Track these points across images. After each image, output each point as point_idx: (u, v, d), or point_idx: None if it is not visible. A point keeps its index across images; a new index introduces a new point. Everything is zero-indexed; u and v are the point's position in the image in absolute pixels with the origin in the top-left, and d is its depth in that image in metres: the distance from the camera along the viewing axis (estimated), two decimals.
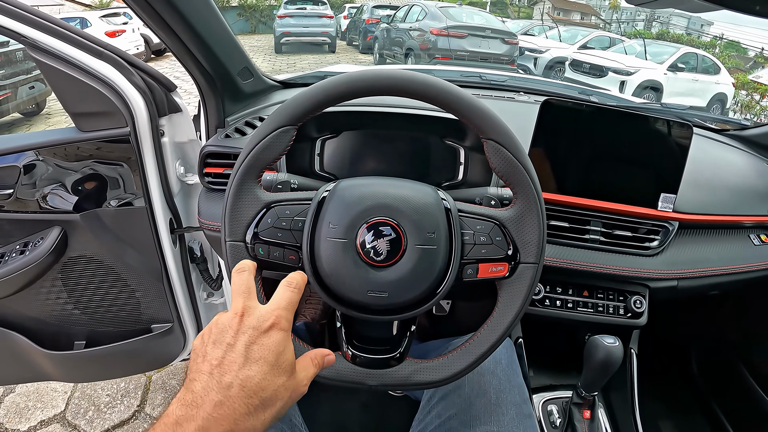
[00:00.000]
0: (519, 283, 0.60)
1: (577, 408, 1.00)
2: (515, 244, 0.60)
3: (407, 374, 0.61)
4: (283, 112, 0.60)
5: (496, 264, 0.60)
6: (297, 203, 0.62)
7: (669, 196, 0.97)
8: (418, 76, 0.59)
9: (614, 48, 9.98)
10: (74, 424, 1.58)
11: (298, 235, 0.60)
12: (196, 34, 0.90)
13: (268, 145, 0.60)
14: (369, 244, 0.58)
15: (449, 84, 0.59)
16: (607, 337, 0.86)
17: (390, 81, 0.58)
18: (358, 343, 0.63)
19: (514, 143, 0.59)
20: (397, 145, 1.01)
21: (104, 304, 1.22)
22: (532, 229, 0.60)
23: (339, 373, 0.60)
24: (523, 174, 0.60)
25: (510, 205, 0.62)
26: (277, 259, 0.61)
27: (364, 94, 0.59)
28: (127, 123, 0.98)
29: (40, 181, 1.06)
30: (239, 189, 0.61)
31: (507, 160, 0.59)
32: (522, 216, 0.60)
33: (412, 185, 0.63)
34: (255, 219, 0.61)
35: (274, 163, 0.62)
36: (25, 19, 0.89)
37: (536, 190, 0.60)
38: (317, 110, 0.60)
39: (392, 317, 0.61)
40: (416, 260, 0.58)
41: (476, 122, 0.59)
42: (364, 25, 12.75)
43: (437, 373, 0.61)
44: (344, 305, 0.60)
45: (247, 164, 0.60)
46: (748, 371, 1.31)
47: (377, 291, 0.58)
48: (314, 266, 0.59)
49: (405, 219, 0.59)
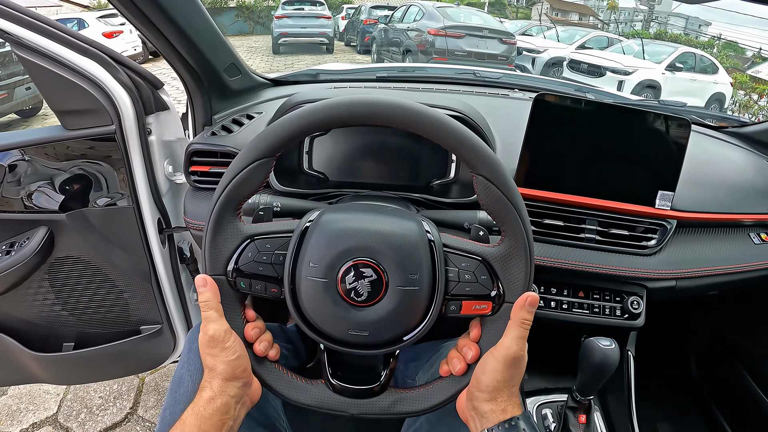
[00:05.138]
0: (502, 321, 0.59)
1: (572, 412, 0.98)
2: (501, 283, 0.59)
3: (388, 404, 0.61)
4: (258, 144, 0.58)
5: (480, 302, 0.59)
6: (278, 236, 0.61)
7: (667, 194, 0.95)
8: (405, 104, 0.57)
9: (612, 48, 10.00)
10: (66, 427, 1.56)
11: (279, 268, 0.60)
12: (180, 30, 0.88)
13: (245, 180, 0.58)
14: (350, 284, 0.57)
15: (440, 114, 0.57)
16: (603, 340, 0.84)
17: (376, 109, 0.56)
18: (340, 373, 0.63)
19: (504, 180, 0.57)
20: (388, 142, 0.99)
21: (92, 305, 1.20)
22: (519, 269, 0.59)
23: (321, 402, 0.61)
24: (512, 212, 0.58)
25: (498, 242, 0.61)
26: (258, 293, 0.60)
27: (343, 124, 0.58)
28: (113, 121, 0.97)
29: (25, 180, 1.04)
30: (218, 223, 0.60)
31: (496, 198, 0.57)
32: (509, 255, 0.59)
33: (396, 221, 0.61)
34: (235, 253, 0.60)
35: (251, 196, 0.60)
36: (10, 16, 0.88)
37: (525, 230, 0.58)
38: (295, 140, 0.59)
39: (374, 352, 0.61)
40: (398, 301, 0.58)
41: (466, 156, 0.57)
42: (362, 26, 12.79)
43: (418, 404, 0.62)
44: (326, 340, 0.60)
45: (224, 199, 0.59)
46: (748, 373, 1.29)
47: (358, 330, 0.58)
48: (295, 301, 0.59)
49: (387, 260, 0.57)
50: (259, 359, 0.62)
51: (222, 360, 0.57)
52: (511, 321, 0.58)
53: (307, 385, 0.62)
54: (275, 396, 0.64)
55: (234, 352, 0.58)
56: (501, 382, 0.56)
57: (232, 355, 0.57)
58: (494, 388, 0.56)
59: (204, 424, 0.55)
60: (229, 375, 0.57)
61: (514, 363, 0.57)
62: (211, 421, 0.55)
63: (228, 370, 0.57)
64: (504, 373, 0.56)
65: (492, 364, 0.57)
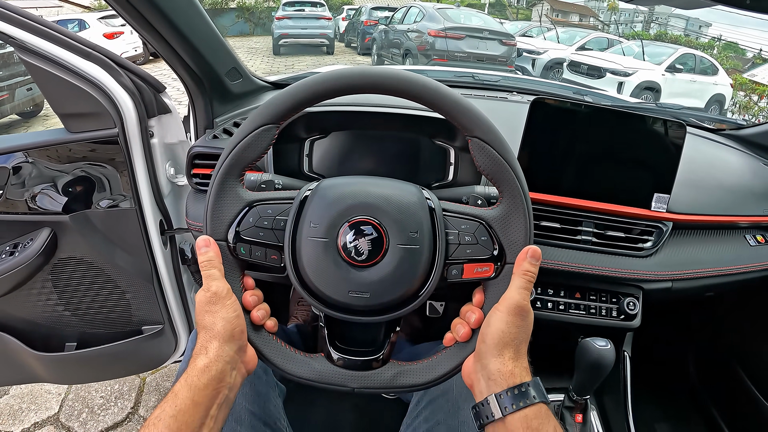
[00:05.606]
0: (505, 283, 0.58)
1: (568, 412, 0.99)
2: (501, 244, 0.59)
3: (390, 377, 0.60)
4: (265, 110, 0.59)
5: (482, 264, 0.59)
6: (279, 202, 0.61)
7: (662, 196, 0.96)
8: (403, 73, 0.57)
9: (612, 49, 10.00)
10: (68, 426, 1.57)
11: (279, 234, 0.59)
12: (181, 34, 0.89)
13: (250, 144, 0.59)
14: (350, 243, 0.57)
15: (434, 81, 0.58)
16: (599, 340, 0.85)
17: (373, 78, 0.57)
18: (340, 345, 0.62)
19: (499, 140, 0.58)
20: (387, 145, 1.01)
21: (95, 305, 1.21)
22: (519, 229, 0.59)
23: (321, 375, 0.60)
24: (508, 172, 0.58)
25: (496, 204, 0.61)
26: (258, 259, 0.60)
27: (347, 92, 0.58)
28: (116, 124, 0.98)
29: (29, 182, 1.05)
30: (221, 188, 0.60)
31: (492, 158, 0.58)
32: (508, 215, 0.59)
33: (395, 184, 0.62)
34: (237, 218, 0.60)
35: (255, 162, 0.61)
36: (13, 20, 0.89)
37: (522, 189, 0.58)
38: (300, 108, 0.59)
39: (375, 318, 0.59)
40: (398, 260, 0.57)
41: (460, 120, 0.58)
42: (362, 27, 12.80)
43: (421, 376, 0.60)
44: (326, 306, 0.59)
45: (228, 163, 0.59)
46: (745, 374, 1.30)
47: (358, 291, 0.57)
48: (296, 266, 0.59)
49: (387, 218, 0.58)
50: (257, 328, 0.61)
51: (221, 317, 0.55)
52: (513, 274, 0.57)
53: (305, 358, 0.61)
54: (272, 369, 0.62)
55: (234, 310, 0.56)
56: (507, 334, 0.54)
57: (233, 313, 0.56)
58: (500, 340, 0.54)
59: (198, 395, 0.51)
60: (227, 334, 0.55)
61: (518, 312, 0.55)
62: (205, 391, 0.52)
63: (227, 328, 0.55)
64: (509, 324, 0.54)
65: (496, 315, 0.55)
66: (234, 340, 0.55)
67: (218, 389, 0.53)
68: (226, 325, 0.55)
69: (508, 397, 0.51)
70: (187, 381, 0.52)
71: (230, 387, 0.54)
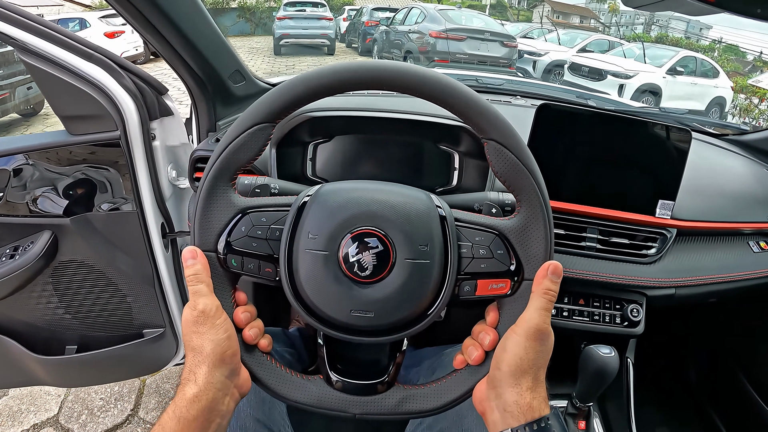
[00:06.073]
0: (522, 301, 0.52)
1: (572, 419, 0.98)
2: (519, 258, 0.53)
3: (395, 402, 0.55)
4: (259, 108, 0.53)
5: (497, 280, 0.53)
6: (275, 209, 0.55)
7: (667, 203, 0.95)
8: (412, 67, 0.52)
9: (613, 51, 10.00)
10: (67, 428, 1.57)
11: (275, 245, 0.54)
12: (184, 36, 0.89)
13: (243, 144, 0.53)
14: (353, 257, 0.51)
15: (446, 77, 0.52)
16: (603, 347, 0.85)
17: (379, 73, 0.52)
18: (341, 367, 0.57)
19: (518, 144, 0.53)
20: (391, 149, 1.00)
21: (96, 308, 1.21)
22: (538, 241, 0.53)
23: (319, 400, 0.55)
24: (528, 178, 0.52)
25: (513, 214, 0.55)
26: (251, 272, 0.55)
27: (350, 88, 0.53)
28: (118, 126, 0.97)
29: (30, 185, 1.05)
30: (210, 193, 0.54)
31: (510, 163, 0.52)
32: (527, 226, 0.54)
33: (403, 190, 0.57)
34: (227, 226, 0.54)
35: (248, 165, 0.55)
36: (15, 21, 0.88)
37: (543, 198, 0.53)
38: (299, 105, 0.53)
39: (379, 339, 0.54)
40: (406, 276, 0.52)
41: (476, 120, 0.52)
42: (363, 28, 12.81)
43: (429, 402, 0.55)
44: (326, 325, 0.54)
45: (219, 165, 0.53)
46: (747, 381, 1.30)
47: (362, 311, 0.52)
48: (292, 281, 0.53)
49: (394, 229, 0.52)
50: (249, 348, 0.55)
51: (210, 338, 0.50)
52: (533, 293, 0.52)
53: (303, 381, 0.56)
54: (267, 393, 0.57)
55: (225, 331, 0.51)
56: (525, 361, 0.49)
57: (222, 334, 0.51)
58: (517, 367, 0.49)
59: (187, 428, 0.47)
60: (217, 358, 0.50)
61: (538, 337, 0.49)
62: (195, 423, 0.47)
63: (217, 351, 0.50)
64: (528, 349, 0.49)
65: (513, 339, 0.50)
66: (225, 364, 0.51)
67: (210, 419, 0.49)
68: (215, 348, 0.50)
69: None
70: (175, 412, 0.48)
71: (223, 415, 0.51)
